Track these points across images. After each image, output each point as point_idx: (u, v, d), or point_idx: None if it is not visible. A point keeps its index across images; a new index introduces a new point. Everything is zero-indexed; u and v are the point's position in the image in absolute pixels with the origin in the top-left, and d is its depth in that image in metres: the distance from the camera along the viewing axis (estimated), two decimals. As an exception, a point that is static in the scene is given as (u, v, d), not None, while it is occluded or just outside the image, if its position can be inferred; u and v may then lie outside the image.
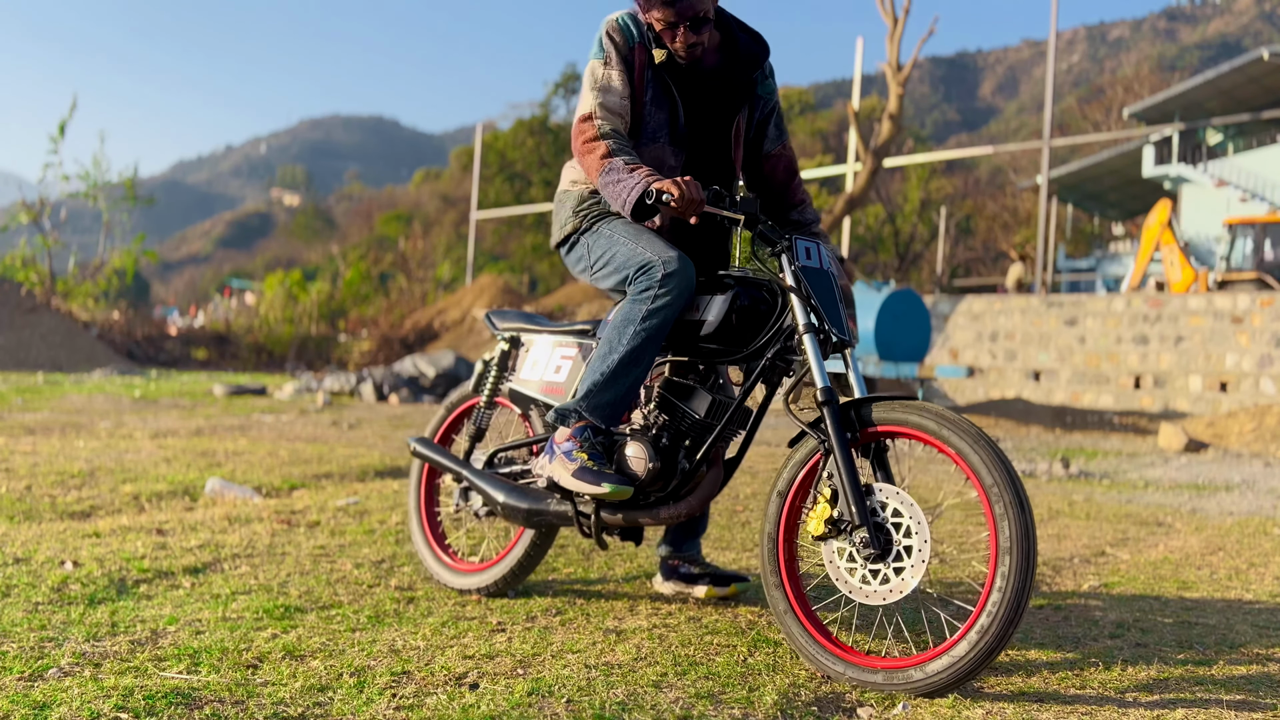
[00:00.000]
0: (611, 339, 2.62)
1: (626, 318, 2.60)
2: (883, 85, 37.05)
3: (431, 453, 3.20)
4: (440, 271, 36.36)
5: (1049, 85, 18.15)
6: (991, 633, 2.17)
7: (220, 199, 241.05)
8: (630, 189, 2.49)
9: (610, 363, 2.60)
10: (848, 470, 2.34)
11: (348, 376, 13.99)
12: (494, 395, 3.17)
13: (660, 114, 2.69)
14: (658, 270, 2.57)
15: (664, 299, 2.56)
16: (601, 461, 2.60)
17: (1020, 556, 2.17)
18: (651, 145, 2.71)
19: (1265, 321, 13.76)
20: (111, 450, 6.23)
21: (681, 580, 3.13)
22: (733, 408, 2.63)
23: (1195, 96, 32.47)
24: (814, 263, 2.54)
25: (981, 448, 2.24)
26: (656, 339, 2.59)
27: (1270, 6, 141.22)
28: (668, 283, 2.56)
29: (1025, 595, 2.17)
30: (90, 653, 2.36)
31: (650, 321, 2.57)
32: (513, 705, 2.09)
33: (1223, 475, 7.45)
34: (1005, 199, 47.35)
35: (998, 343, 16.41)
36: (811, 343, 2.45)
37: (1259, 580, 3.71)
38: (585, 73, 2.72)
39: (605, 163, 2.57)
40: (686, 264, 2.59)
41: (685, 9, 2.54)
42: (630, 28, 2.67)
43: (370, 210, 73.42)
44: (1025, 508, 2.20)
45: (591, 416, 2.63)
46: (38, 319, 21.36)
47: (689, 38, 2.58)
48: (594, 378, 2.63)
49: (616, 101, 2.65)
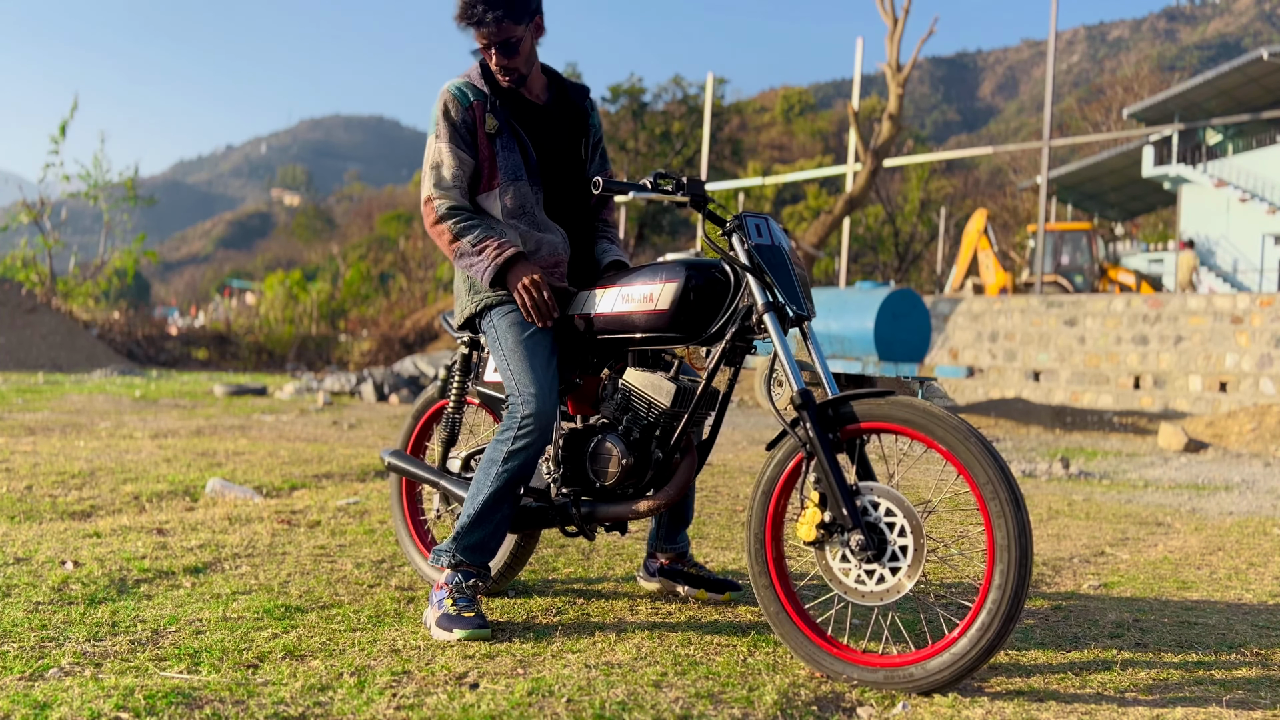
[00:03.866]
0: (479, 479, 2.73)
1: (491, 458, 2.72)
2: (883, 85, 37.05)
3: (405, 464, 3.20)
4: (440, 272, 36.34)
5: (1049, 85, 18.15)
6: (992, 630, 2.17)
7: (220, 199, 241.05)
8: (486, 268, 2.72)
9: (477, 504, 2.71)
10: (834, 474, 2.34)
11: (348, 376, 13.99)
12: (461, 398, 3.16)
13: (514, 155, 2.83)
14: (518, 409, 2.68)
15: (523, 440, 2.67)
16: (465, 604, 2.65)
17: (1018, 553, 2.17)
18: (514, 184, 2.83)
19: (1265, 321, 13.76)
20: (112, 450, 6.23)
21: (669, 577, 3.13)
22: (698, 392, 2.64)
23: (1195, 97, 32.45)
24: (765, 239, 2.55)
25: (973, 444, 2.24)
26: (520, 478, 2.70)
27: (1270, 6, 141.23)
28: (526, 424, 2.67)
29: (1023, 591, 2.18)
30: (91, 652, 2.36)
31: (511, 464, 2.68)
32: (513, 705, 2.09)
33: (1222, 475, 7.45)
34: (1005, 199, 47.34)
35: (997, 343, 16.41)
36: (773, 321, 2.48)
37: (1259, 580, 3.71)
38: (424, 152, 2.90)
39: (454, 248, 2.78)
40: (546, 401, 2.67)
41: (494, 33, 2.73)
42: (464, 91, 2.83)
43: (370, 210, 73.49)
44: (1020, 504, 2.20)
45: (465, 557, 2.73)
46: (38, 319, 21.36)
47: (501, 60, 2.78)
48: (464, 519, 2.73)
49: (450, 175, 2.81)
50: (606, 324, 2.71)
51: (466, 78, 2.86)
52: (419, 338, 24.74)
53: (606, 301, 2.70)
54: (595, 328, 2.74)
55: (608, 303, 2.70)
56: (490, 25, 2.71)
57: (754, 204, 36.85)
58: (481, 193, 2.85)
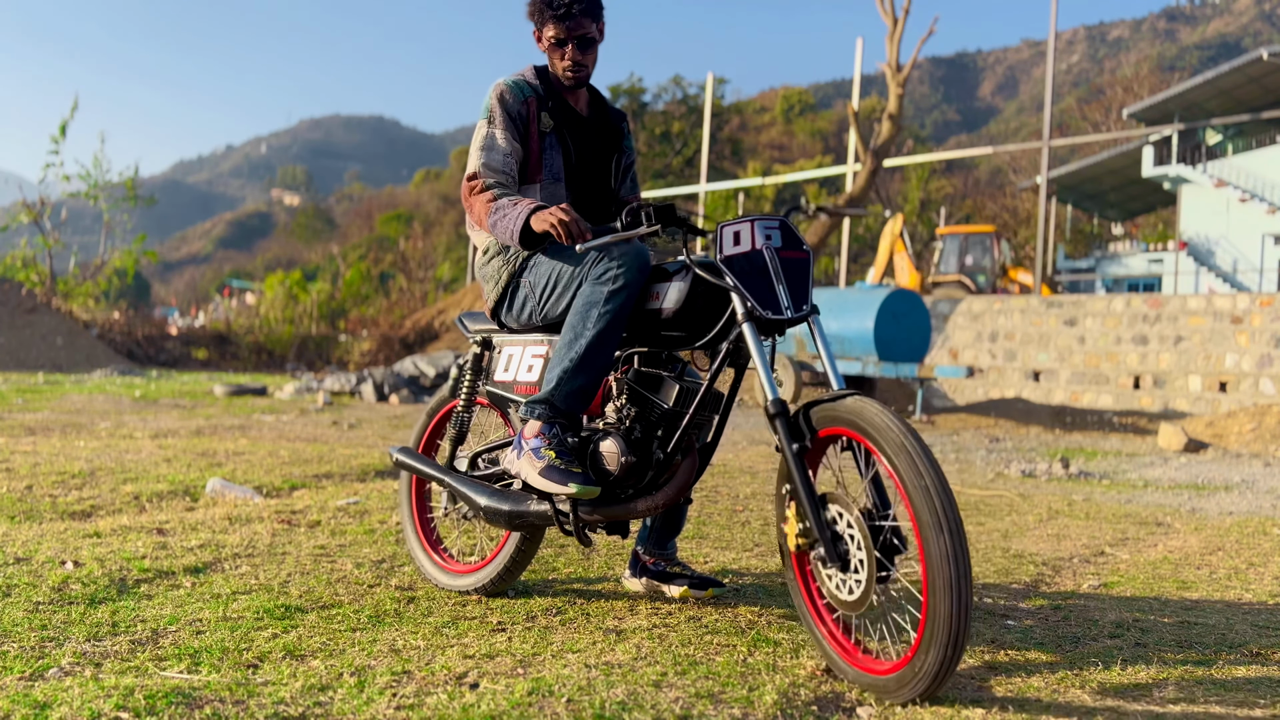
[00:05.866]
0: (575, 325, 2.67)
1: (589, 301, 2.66)
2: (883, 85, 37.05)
3: (413, 461, 3.21)
4: (440, 272, 36.39)
5: (1049, 85, 18.15)
6: (930, 661, 2.08)
7: (220, 199, 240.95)
8: (516, 216, 2.69)
9: (579, 348, 2.65)
10: (802, 482, 2.33)
11: (348, 376, 13.99)
12: (471, 397, 3.18)
13: (557, 157, 2.95)
14: (611, 254, 2.66)
15: (623, 278, 2.63)
16: (568, 459, 2.63)
17: (953, 576, 2.03)
18: (552, 184, 2.93)
19: (1265, 321, 13.76)
20: (112, 450, 6.23)
21: (654, 577, 3.12)
22: (700, 393, 2.63)
23: (1195, 97, 32.46)
24: (742, 246, 2.53)
25: (909, 458, 2.12)
26: (620, 320, 2.66)
27: (1270, 6, 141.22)
28: (624, 260, 2.63)
29: (959, 623, 2.04)
30: (91, 652, 2.36)
31: (613, 303, 2.64)
32: (513, 705, 2.09)
33: (1222, 475, 7.45)
34: (1005, 199, 47.35)
35: (997, 343, 16.42)
36: (751, 331, 2.47)
37: (1259, 580, 3.71)
38: (474, 133, 2.95)
39: (491, 205, 2.78)
40: (641, 252, 2.68)
41: (574, 26, 2.83)
42: (521, 86, 2.92)
43: (370, 210, 73.53)
44: (954, 528, 2.06)
45: (564, 405, 2.68)
46: (38, 319, 21.37)
47: (575, 55, 2.86)
48: (563, 364, 2.68)
49: (500, 159, 2.86)
50: None
51: (521, 76, 2.95)
52: (419, 338, 24.74)
53: None
54: None
55: None
56: (576, 18, 2.82)
57: (754, 204, 36.85)
58: (523, 185, 2.93)
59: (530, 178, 2.92)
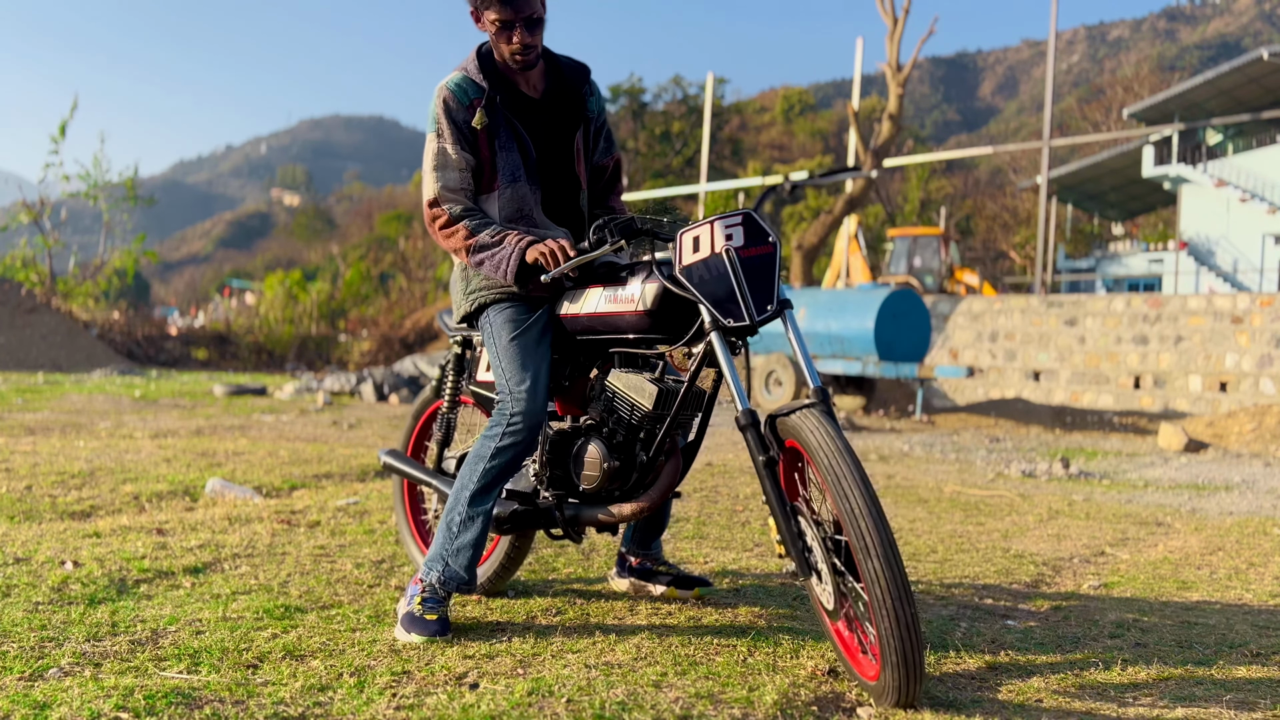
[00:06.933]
0: (465, 476, 2.71)
1: (478, 454, 2.71)
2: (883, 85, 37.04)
3: (400, 464, 3.21)
4: (440, 272, 36.35)
5: (1049, 85, 18.15)
6: (890, 682, 2.10)
7: (220, 199, 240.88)
8: (506, 259, 2.63)
9: (463, 500, 2.69)
10: (772, 493, 2.33)
11: (348, 376, 14.00)
12: (455, 397, 3.16)
13: (513, 155, 2.77)
14: (507, 406, 2.67)
15: (510, 437, 2.67)
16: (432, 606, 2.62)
17: (891, 600, 2.04)
18: (513, 185, 2.78)
19: (1265, 321, 13.76)
20: (112, 450, 6.23)
21: (639, 576, 3.11)
22: (681, 393, 2.57)
23: (1195, 97, 32.44)
24: (701, 252, 2.45)
25: (832, 478, 2.11)
26: (504, 475, 2.70)
27: (1270, 6, 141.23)
28: (514, 421, 2.66)
29: (909, 643, 2.05)
30: (90, 652, 2.36)
31: (497, 460, 2.67)
32: (513, 705, 2.09)
33: (1222, 475, 7.45)
34: (1005, 199, 47.36)
35: (997, 343, 16.42)
36: (719, 340, 2.42)
37: (1259, 580, 3.71)
38: (424, 147, 2.81)
39: (471, 243, 2.70)
40: (535, 400, 2.66)
41: (521, 6, 2.63)
42: (463, 86, 2.74)
43: (370, 210, 73.48)
44: (887, 552, 2.05)
45: (454, 563, 2.69)
46: (38, 319, 21.36)
47: (524, 37, 2.66)
48: (450, 518, 2.70)
49: (456, 176, 2.75)
50: (591, 324, 2.67)
51: (463, 71, 2.77)
52: (419, 338, 24.75)
53: (592, 301, 2.66)
54: (580, 327, 2.71)
55: (593, 302, 2.66)
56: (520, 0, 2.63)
57: (754, 204, 36.79)
58: (480, 195, 2.80)
59: (486, 187, 2.78)
